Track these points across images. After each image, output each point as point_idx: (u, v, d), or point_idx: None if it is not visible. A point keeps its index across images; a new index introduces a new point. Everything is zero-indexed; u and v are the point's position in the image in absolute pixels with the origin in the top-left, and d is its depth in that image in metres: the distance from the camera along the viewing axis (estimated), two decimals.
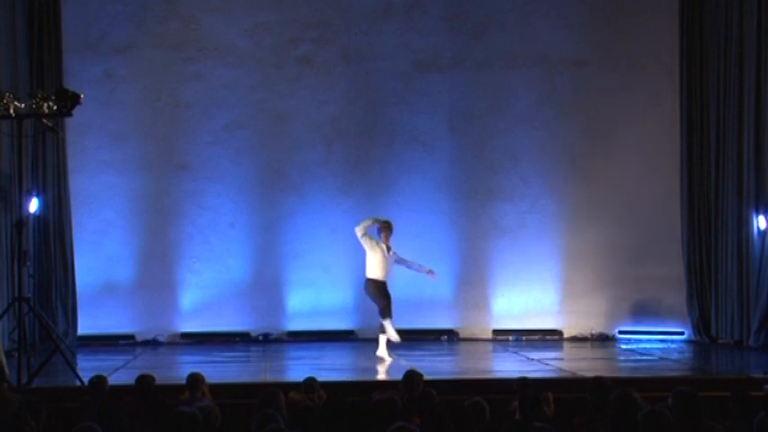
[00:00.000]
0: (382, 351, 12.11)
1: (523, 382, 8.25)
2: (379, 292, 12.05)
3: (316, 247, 14.90)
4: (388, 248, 12.15)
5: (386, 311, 12.02)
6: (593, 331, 14.99)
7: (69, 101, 10.35)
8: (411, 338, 14.55)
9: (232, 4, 15.08)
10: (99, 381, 8.17)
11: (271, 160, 15.10)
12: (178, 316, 14.76)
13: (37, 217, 13.90)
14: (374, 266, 12.09)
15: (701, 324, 14.55)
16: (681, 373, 11.58)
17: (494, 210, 15.21)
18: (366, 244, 12.13)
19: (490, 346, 14.44)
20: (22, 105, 10.42)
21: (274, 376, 11.11)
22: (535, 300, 15.08)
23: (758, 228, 13.39)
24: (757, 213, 13.42)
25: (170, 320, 14.74)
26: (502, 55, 15.22)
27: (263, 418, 5.97)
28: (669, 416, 5.78)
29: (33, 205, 13.63)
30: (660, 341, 14.56)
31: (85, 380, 9.11)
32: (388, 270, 12.14)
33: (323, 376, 8.73)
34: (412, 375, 7.97)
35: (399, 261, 12.30)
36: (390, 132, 15.21)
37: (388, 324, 12.01)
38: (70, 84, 12.36)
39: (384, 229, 12.19)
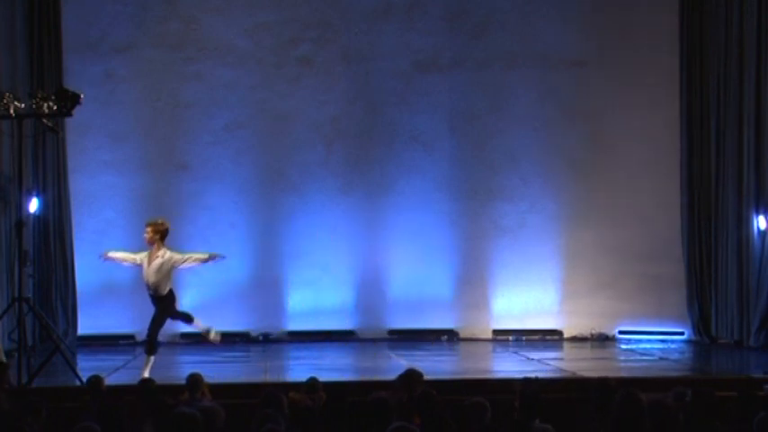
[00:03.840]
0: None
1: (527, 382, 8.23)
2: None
3: (316, 247, 14.90)
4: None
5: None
6: (593, 331, 14.98)
7: (69, 101, 10.34)
8: (411, 338, 14.60)
9: (232, 4, 15.07)
10: (96, 380, 8.17)
11: (271, 160, 15.09)
12: None
13: (37, 217, 13.90)
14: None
15: (701, 324, 14.54)
16: (681, 373, 11.57)
17: (494, 210, 15.21)
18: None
19: (490, 346, 14.44)
20: (22, 105, 10.42)
21: (274, 376, 11.10)
22: (535, 300, 15.07)
23: (758, 228, 13.40)
24: (757, 213, 13.42)
25: (170, 321, 14.69)
26: (502, 55, 15.21)
27: (262, 417, 5.98)
28: (675, 408, 5.81)
29: (33, 205, 13.63)
30: (660, 341, 14.56)
31: (85, 380, 9.10)
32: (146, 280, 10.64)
33: (323, 376, 8.72)
34: (411, 374, 7.94)
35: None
36: (390, 132, 15.21)
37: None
38: (70, 84, 12.35)
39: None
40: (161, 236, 10.58)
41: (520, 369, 11.04)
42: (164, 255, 10.52)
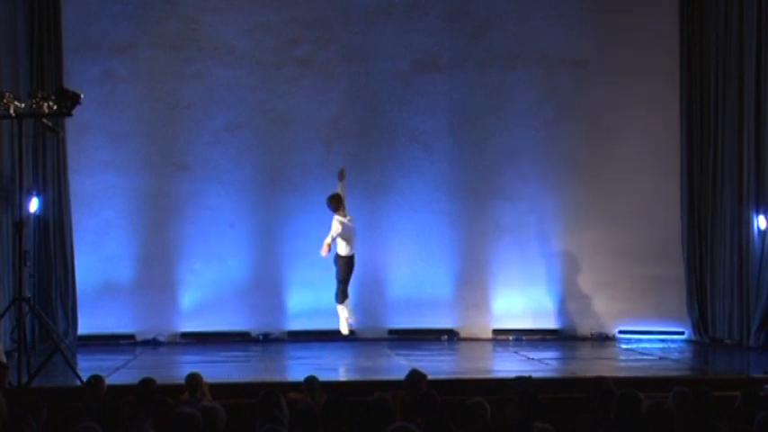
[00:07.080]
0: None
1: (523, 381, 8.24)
2: None
3: (316, 247, 14.85)
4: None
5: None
6: (593, 331, 14.99)
7: (69, 101, 10.34)
8: (411, 338, 14.60)
9: (232, 4, 15.07)
10: (96, 380, 8.17)
11: (271, 160, 15.09)
12: (178, 316, 14.76)
13: (37, 217, 13.90)
14: None
15: (701, 324, 14.55)
16: (681, 373, 11.57)
17: (494, 210, 15.21)
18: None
19: (490, 346, 14.44)
20: (22, 105, 10.42)
21: (274, 376, 11.11)
22: (535, 300, 15.07)
23: (758, 228, 13.40)
24: (757, 213, 13.42)
25: (170, 320, 14.74)
26: (502, 55, 15.22)
27: (262, 417, 5.98)
28: (672, 409, 5.84)
29: (33, 205, 13.63)
30: (660, 341, 14.56)
31: (85, 380, 9.11)
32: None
33: (323, 376, 8.73)
34: (415, 375, 7.95)
35: None
36: (390, 132, 15.21)
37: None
38: (70, 84, 12.35)
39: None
40: None
41: (520, 369, 11.03)
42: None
